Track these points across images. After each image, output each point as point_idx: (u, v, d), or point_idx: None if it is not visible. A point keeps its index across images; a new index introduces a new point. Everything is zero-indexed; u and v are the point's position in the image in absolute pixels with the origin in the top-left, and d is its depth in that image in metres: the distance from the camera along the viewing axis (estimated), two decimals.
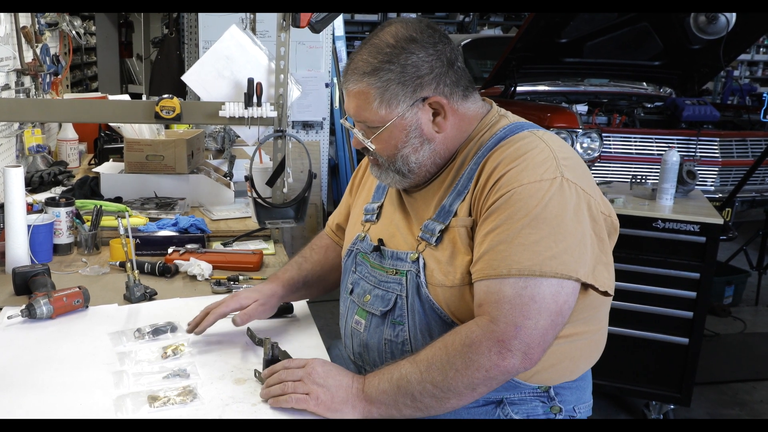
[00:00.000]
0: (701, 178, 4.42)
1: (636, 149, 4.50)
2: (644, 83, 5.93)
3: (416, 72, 1.36)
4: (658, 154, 4.34)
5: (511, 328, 1.22)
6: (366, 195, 1.65)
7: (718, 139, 4.62)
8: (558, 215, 1.27)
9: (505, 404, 1.40)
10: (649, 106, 5.33)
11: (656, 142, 4.52)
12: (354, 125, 1.46)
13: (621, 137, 4.54)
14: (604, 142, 4.47)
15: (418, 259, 1.40)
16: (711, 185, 4.59)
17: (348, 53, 5.40)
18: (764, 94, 4.59)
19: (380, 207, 1.57)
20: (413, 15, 12.07)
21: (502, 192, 1.30)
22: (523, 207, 1.27)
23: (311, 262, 1.74)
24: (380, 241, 1.50)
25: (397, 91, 1.36)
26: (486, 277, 1.27)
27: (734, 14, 4.40)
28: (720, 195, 4.51)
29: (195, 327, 1.52)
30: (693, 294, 2.81)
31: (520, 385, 1.39)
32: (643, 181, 3.22)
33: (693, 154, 4.50)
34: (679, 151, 3.02)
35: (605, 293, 1.34)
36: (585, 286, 1.31)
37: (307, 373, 1.28)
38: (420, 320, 1.38)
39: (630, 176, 3.28)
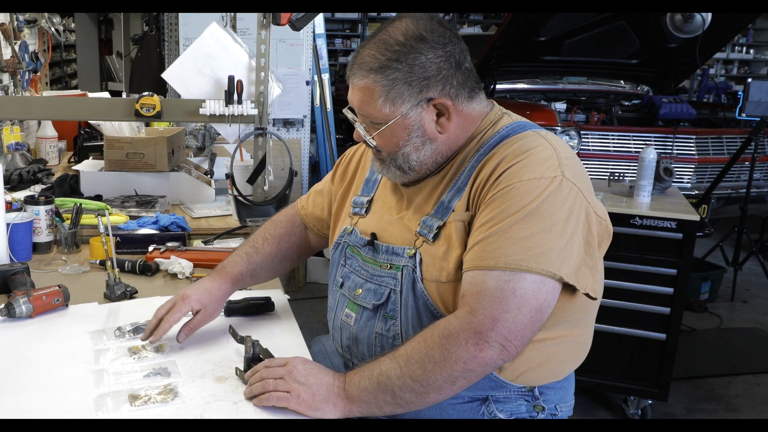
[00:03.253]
0: (678, 175, 4.48)
1: (614, 147, 4.55)
2: (622, 81, 6.00)
3: (423, 73, 1.36)
4: (636, 152, 4.40)
5: (488, 320, 1.23)
6: (354, 188, 1.65)
7: (694, 136, 4.69)
8: (552, 214, 1.28)
9: (490, 402, 1.42)
10: (626, 104, 5.40)
11: (634, 140, 4.58)
12: (356, 118, 1.46)
13: (599, 135, 4.60)
14: (583, 140, 4.51)
15: (415, 254, 1.40)
16: (687, 182, 4.66)
17: (329, 51, 5.40)
18: (739, 92, 4.66)
19: (370, 201, 1.57)
20: (393, 14, 12.09)
21: (502, 186, 1.30)
22: (518, 202, 1.28)
23: (262, 253, 1.71)
24: (373, 235, 1.49)
25: (403, 90, 1.36)
26: (473, 268, 1.28)
27: (710, 13, 4.47)
28: (696, 192, 4.59)
29: (150, 335, 1.49)
30: (670, 290, 2.85)
31: (506, 384, 1.40)
32: (620, 178, 3.25)
33: (670, 151, 4.56)
34: (656, 149, 3.06)
35: (587, 296, 1.34)
36: (573, 290, 1.32)
37: (288, 371, 1.28)
38: (412, 315, 1.39)
39: (608, 173, 3.32)
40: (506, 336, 1.23)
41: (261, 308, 1.69)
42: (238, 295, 1.74)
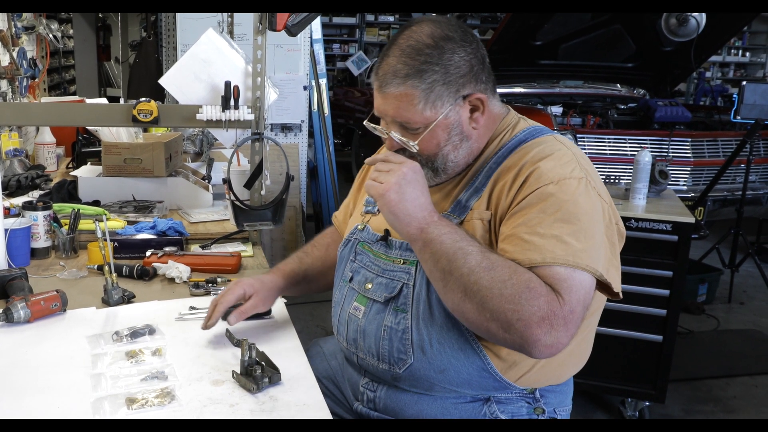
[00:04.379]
0: (674, 177, 4.50)
1: (610, 150, 4.57)
2: (618, 85, 6.02)
3: (459, 71, 1.37)
4: (632, 155, 4.41)
5: (568, 311, 1.22)
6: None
7: (690, 139, 4.71)
8: (586, 212, 1.31)
9: (492, 402, 1.44)
10: (622, 107, 5.42)
11: (629, 143, 4.59)
12: (388, 128, 1.44)
13: (595, 138, 4.61)
14: (579, 143, 4.53)
15: None
16: (683, 185, 4.67)
17: (326, 56, 5.42)
18: (734, 95, 4.67)
19: None
20: (391, 18, 12.11)
21: (534, 187, 1.32)
22: (555, 202, 1.30)
23: (312, 257, 1.77)
24: (387, 231, 1.51)
25: (442, 91, 1.37)
26: (529, 263, 1.26)
27: (704, 16, 4.49)
28: (692, 194, 4.60)
29: (208, 321, 1.54)
30: (666, 292, 2.87)
31: (509, 386, 1.42)
32: (616, 181, 3.27)
33: (665, 154, 4.57)
34: (651, 152, 3.07)
35: (616, 294, 1.36)
36: None
37: (399, 169, 1.34)
38: (424, 309, 1.40)
39: (604, 176, 3.34)
40: (570, 328, 1.22)
41: (258, 313, 1.69)
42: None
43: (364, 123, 1.51)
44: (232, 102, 2.13)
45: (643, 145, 4.55)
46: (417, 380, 1.44)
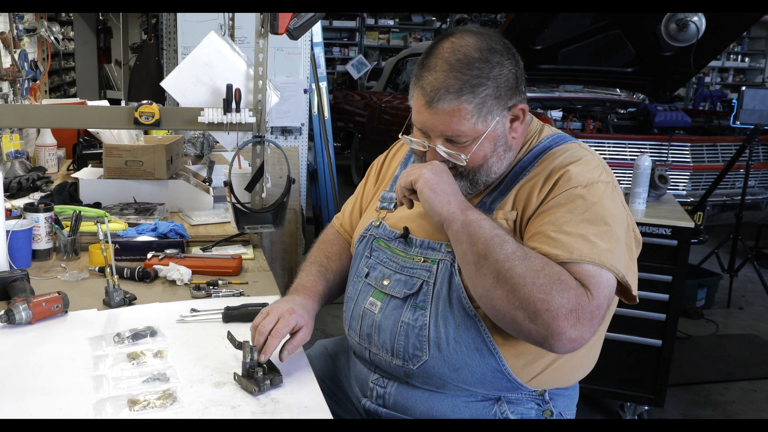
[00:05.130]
0: (673, 182, 4.50)
1: (609, 154, 4.58)
2: (617, 89, 6.03)
3: (507, 84, 1.39)
4: (631, 159, 4.42)
5: (595, 306, 1.25)
6: (384, 184, 1.69)
7: (689, 144, 4.72)
8: (612, 216, 1.34)
9: (503, 402, 1.45)
10: (622, 112, 5.43)
11: (629, 148, 4.60)
12: (433, 142, 1.43)
13: (595, 143, 4.62)
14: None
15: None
16: (683, 189, 4.68)
17: (327, 59, 5.43)
18: (734, 100, 4.68)
19: None
20: (391, 22, 12.14)
21: (563, 189, 1.36)
22: (583, 203, 1.33)
23: (333, 271, 1.70)
24: (406, 229, 1.51)
25: (493, 105, 1.38)
26: (556, 259, 1.29)
27: (704, 22, 4.50)
28: (692, 199, 4.61)
29: (261, 354, 1.41)
30: (665, 296, 2.87)
31: (521, 387, 1.44)
32: None
33: (665, 159, 4.58)
34: (651, 156, 3.08)
35: (633, 298, 1.40)
36: None
37: (431, 163, 1.40)
38: (443, 307, 1.41)
39: None
40: (594, 321, 1.25)
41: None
42: (235, 302, 1.76)
43: (400, 136, 1.51)
44: (233, 105, 2.14)
45: (642, 150, 4.55)
46: (430, 377, 1.44)
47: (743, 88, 4.55)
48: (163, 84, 2.24)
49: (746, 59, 12.82)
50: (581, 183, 1.35)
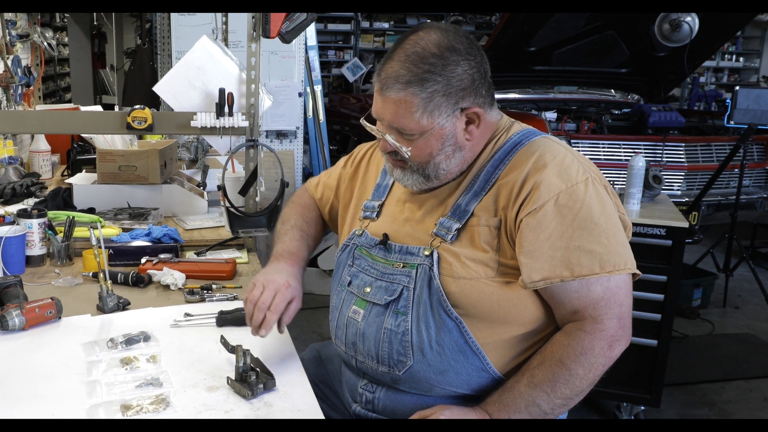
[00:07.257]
0: (668, 182, 4.51)
1: (604, 155, 4.59)
2: (612, 90, 6.05)
3: (460, 84, 1.38)
4: (626, 160, 4.43)
5: (614, 321, 1.36)
6: (362, 192, 1.68)
7: (683, 144, 4.73)
8: (600, 213, 1.36)
9: None
10: (616, 112, 5.44)
11: (623, 148, 4.61)
12: (383, 130, 1.46)
13: (589, 143, 4.63)
14: (573, 149, 4.54)
15: (431, 253, 1.43)
16: (677, 189, 4.69)
17: (321, 62, 5.43)
18: (727, 100, 4.70)
19: (381, 205, 1.60)
20: (386, 25, 12.15)
21: (545, 199, 1.35)
22: (568, 212, 1.34)
23: (313, 238, 1.78)
24: (385, 235, 1.52)
25: (441, 102, 1.38)
26: (559, 279, 1.33)
27: (697, 22, 4.51)
28: (686, 199, 4.61)
29: (258, 328, 1.49)
30: (660, 296, 2.87)
31: None
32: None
33: (659, 159, 4.59)
34: (645, 157, 3.09)
35: (637, 275, 1.43)
36: None
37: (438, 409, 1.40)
38: (424, 311, 1.41)
39: None
40: (628, 325, 1.39)
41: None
42: (229, 306, 1.76)
43: (360, 121, 1.52)
44: (226, 109, 2.14)
45: (637, 150, 4.56)
46: (416, 382, 1.45)
47: (737, 87, 4.56)
48: (156, 89, 2.24)
49: (741, 59, 12.82)
50: (561, 189, 1.35)
